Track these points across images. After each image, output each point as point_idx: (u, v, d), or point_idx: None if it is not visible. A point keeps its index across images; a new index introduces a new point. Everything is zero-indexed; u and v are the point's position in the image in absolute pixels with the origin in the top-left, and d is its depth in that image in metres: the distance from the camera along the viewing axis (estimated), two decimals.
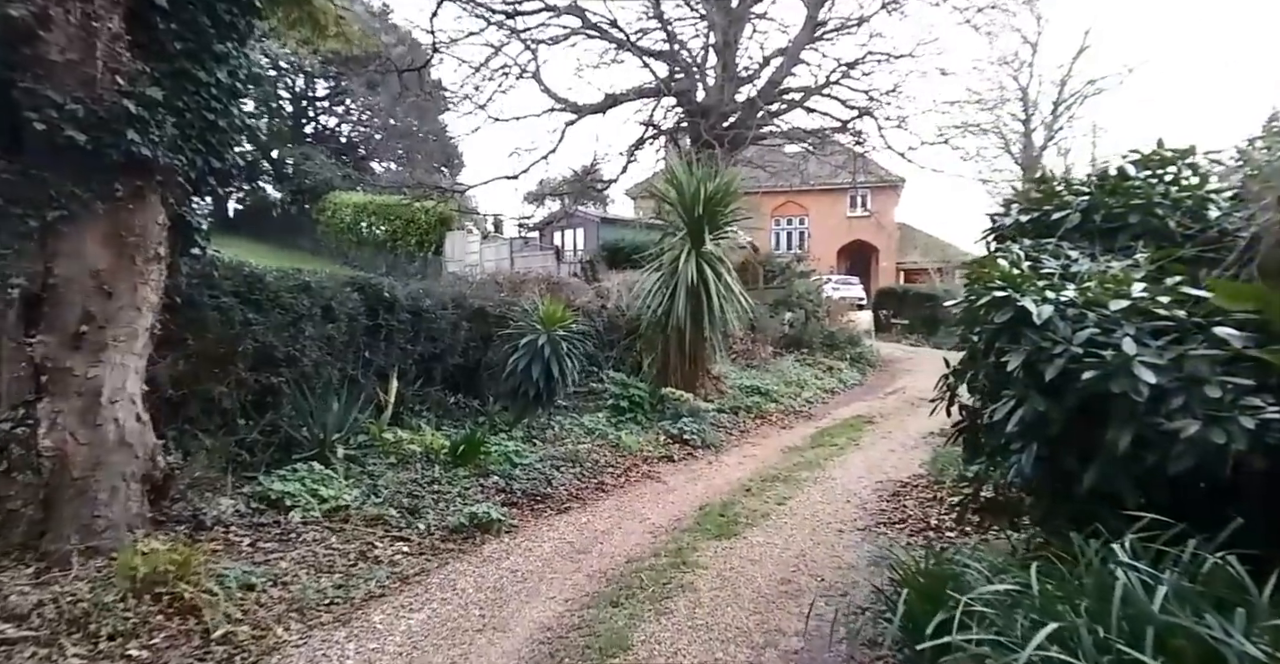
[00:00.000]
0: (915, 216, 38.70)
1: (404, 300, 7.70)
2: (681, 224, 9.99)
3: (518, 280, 11.71)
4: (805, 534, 5.39)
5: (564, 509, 6.29)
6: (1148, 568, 2.17)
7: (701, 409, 9.14)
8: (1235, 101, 41.49)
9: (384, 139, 33.46)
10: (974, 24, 17.78)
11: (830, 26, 17.87)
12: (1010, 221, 4.19)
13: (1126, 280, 3.07)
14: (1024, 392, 3.22)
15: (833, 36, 18.02)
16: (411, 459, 6.69)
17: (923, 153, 17.80)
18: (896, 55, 17.61)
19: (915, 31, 30.39)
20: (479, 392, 8.88)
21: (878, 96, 17.75)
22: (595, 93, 18.77)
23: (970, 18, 17.51)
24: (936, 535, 5.12)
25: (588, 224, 26.58)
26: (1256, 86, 44.37)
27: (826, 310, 15.71)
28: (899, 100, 17.63)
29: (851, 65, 17.69)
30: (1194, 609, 1.94)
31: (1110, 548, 2.30)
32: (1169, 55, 51.15)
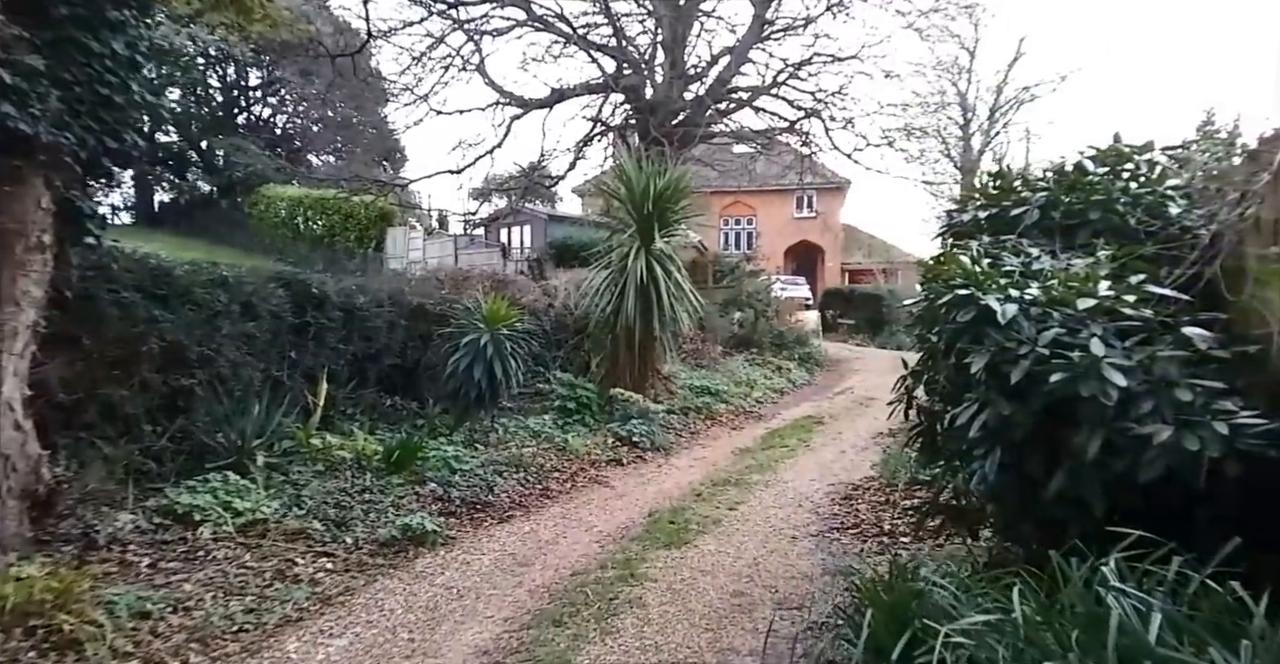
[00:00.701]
0: (859, 218, 39.40)
1: (335, 297, 7.25)
2: (631, 221, 9.74)
3: (460, 277, 11.27)
4: (758, 541, 5.20)
5: (506, 518, 5.96)
6: (1138, 592, 1.99)
7: (651, 410, 8.90)
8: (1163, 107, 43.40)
9: (321, 131, 32.22)
10: (917, 28, 18.02)
11: (777, 27, 17.87)
12: (969, 218, 4.06)
13: (1093, 278, 2.94)
14: (987, 395, 3.06)
15: (780, 37, 18.04)
16: (341, 466, 6.27)
17: (868, 154, 17.94)
18: (842, 57, 17.71)
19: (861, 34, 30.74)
20: (418, 393, 8.46)
21: (824, 98, 17.82)
22: (542, 87, 18.41)
23: (913, 22, 17.73)
24: (891, 541, 4.98)
25: (535, 221, 26.12)
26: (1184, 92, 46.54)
27: (776, 310, 15.68)
28: (845, 102, 17.72)
29: (798, 66, 17.72)
30: (1194, 640, 1.78)
31: (1098, 569, 2.12)
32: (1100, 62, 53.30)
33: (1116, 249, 3.22)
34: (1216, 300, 2.93)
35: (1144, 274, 3.05)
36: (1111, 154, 3.71)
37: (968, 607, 2.45)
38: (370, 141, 31.41)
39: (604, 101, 18.66)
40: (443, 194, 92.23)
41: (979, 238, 3.84)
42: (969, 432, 3.09)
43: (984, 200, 4.08)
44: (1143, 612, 1.87)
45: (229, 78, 30.49)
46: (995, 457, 3.02)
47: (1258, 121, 3.65)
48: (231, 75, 30.48)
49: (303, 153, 32.16)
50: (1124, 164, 3.64)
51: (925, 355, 3.84)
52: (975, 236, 3.97)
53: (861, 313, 22.37)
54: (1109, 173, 3.62)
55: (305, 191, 25.55)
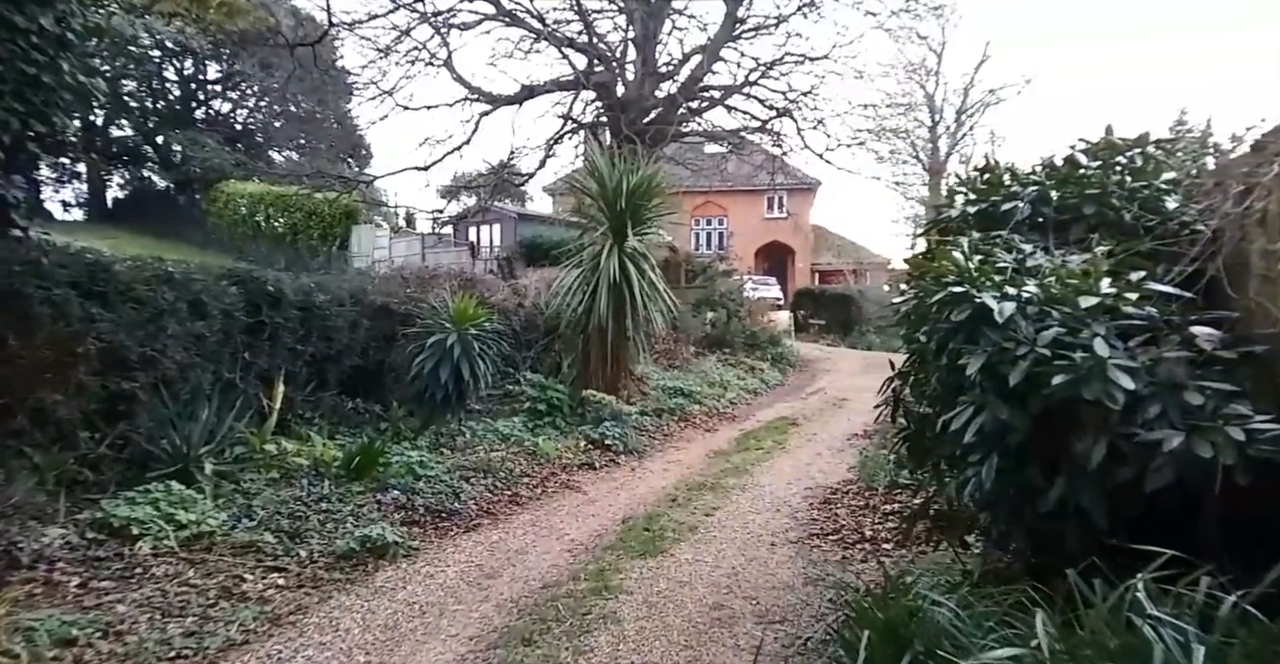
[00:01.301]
0: (828, 219, 39.62)
1: (292, 295, 6.90)
2: (603, 219, 9.51)
3: (427, 276, 10.93)
4: (736, 549, 5.00)
5: (473, 526, 5.70)
6: (1172, 619, 1.82)
7: (624, 412, 8.68)
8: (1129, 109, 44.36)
9: (283, 126, 31.36)
10: (887, 28, 18.06)
11: (749, 25, 17.76)
12: (956, 213, 3.91)
13: (1095, 275, 2.78)
14: (983, 397, 2.89)
15: (751, 36, 17.93)
16: (297, 474, 5.96)
17: (840, 154, 17.90)
18: (814, 57, 17.66)
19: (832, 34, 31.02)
20: (381, 396, 8.14)
21: (796, 98, 17.77)
22: (511, 83, 18.07)
23: (883, 22, 17.76)
24: (873, 548, 4.82)
25: (505, 220, 25.76)
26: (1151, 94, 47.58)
27: (748, 310, 15.56)
28: (817, 102, 17.69)
29: (770, 65, 17.63)
30: None
31: (1126, 592, 1.94)
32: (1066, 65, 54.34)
33: (1113, 245, 3.08)
34: (1220, 298, 2.80)
35: (1143, 271, 2.91)
36: (1104, 147, 3.59)
37: (970, 626, 2.28)
38: (334, 137, 30.70)
39: (575, 99, 18.37)
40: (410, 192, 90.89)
41: (968, 234, 3.68)
42: (964, 436, 2.92)
43: (972, 195, 3.93)
44: (1182, 642, 1.70)
45: (186, 71, 29.57)
46: (993, 463, 2.86)
47: (1229, 122, 3.54)
48: (189, 68, 29.56)
49: (264, 148, 31.31)
50: (1116, 157, 3.51)
51: (913, 356, 3.67)
52: (964, 232, 3.82)
53: (832, 313, 22.40)
54: (1101, 166, 3.49)
55: (266, 188, 24.87)
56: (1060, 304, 2.86)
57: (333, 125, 31.04)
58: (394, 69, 16.33)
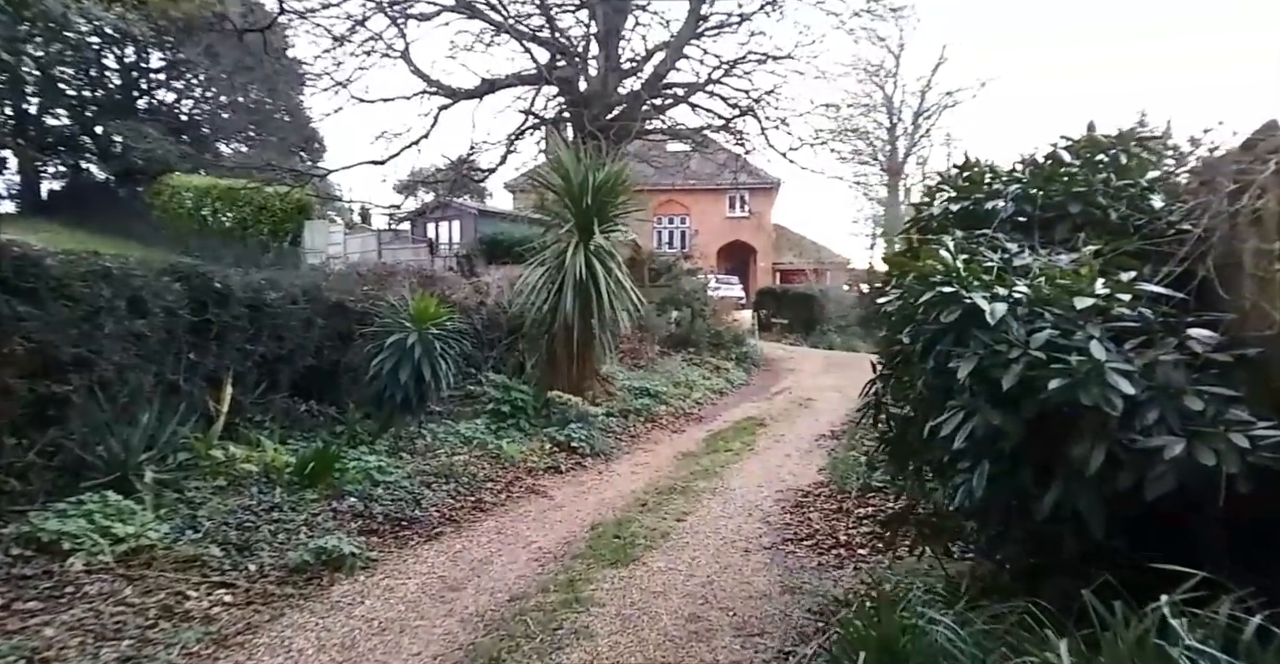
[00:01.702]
0: (789, 219, 39.97)
1: (241, 292, 6.55)
2: (569, 215, 9.30)
3: (384, 272, 10.58)
4: (709, 556, 4.87)
5: (435, 535, 5.46)
6: (1199, 645, 1.72)
7: (590, 414, 8.49)
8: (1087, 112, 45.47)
9: (232, 118, 30.24)
10: (849, 28, 18.19)
11: (712, 23, 17.70)
12: (938, 211, 3.82)
13: (1089, 275, 2.70)
14: (974, 402, 2.79)
15: (715, 33, 17.87)
16: (247, 481, 5.64)
17: (803, 153, 17.93)
18: (777, 56, 17.68)
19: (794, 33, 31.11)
20: (337, 398, 7.80)
21: (760, 96, 17.77)
22: (472, 77, 17.63)
23: (845, 21, 17.84)
24: (848, 554, 4.74)
25: (465, 216, 25.32)
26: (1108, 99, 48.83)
27: (713, 309, 15.49)
28: (780, 101, 17.70)
29: (733, 64, 17.60)
30: None
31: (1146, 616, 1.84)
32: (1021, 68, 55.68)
33: (1101, 244, 3.01)
34: (1211, 299, 2.75)
35: (1132, 271, 2.84)
36: (1086, 144, 3.53)
37: (971, 646, 2.17)
38: (285, 130, 29.74)
39: (537, 93, 18.10)
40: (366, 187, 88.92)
41: (951, 232, 3.59)
42: (954, 442, 2.82)
43: (953, 193, 3.85)
44: None
45: (127, 59, 28.31)
46: (984, 470, 2.76)
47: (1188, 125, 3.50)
48: (130, 56, 28.30)
49: (211, 140, 30.18)
50: (1099, 155, 3.46)
51: (895, 358, 3.57)
52: (946, 231, 3.73)
53: (794, 312, 22.52)
54: (1085, 164, 3.43)
55: (213, 181, 23.95)
56: (1051, 305, 2.78)
57: (284, 117, 30.04)
58: (349, 60, 15.81)
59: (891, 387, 3.77)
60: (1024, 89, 55.78)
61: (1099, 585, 2.61)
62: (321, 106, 36.29)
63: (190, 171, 25.82)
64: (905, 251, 3.94)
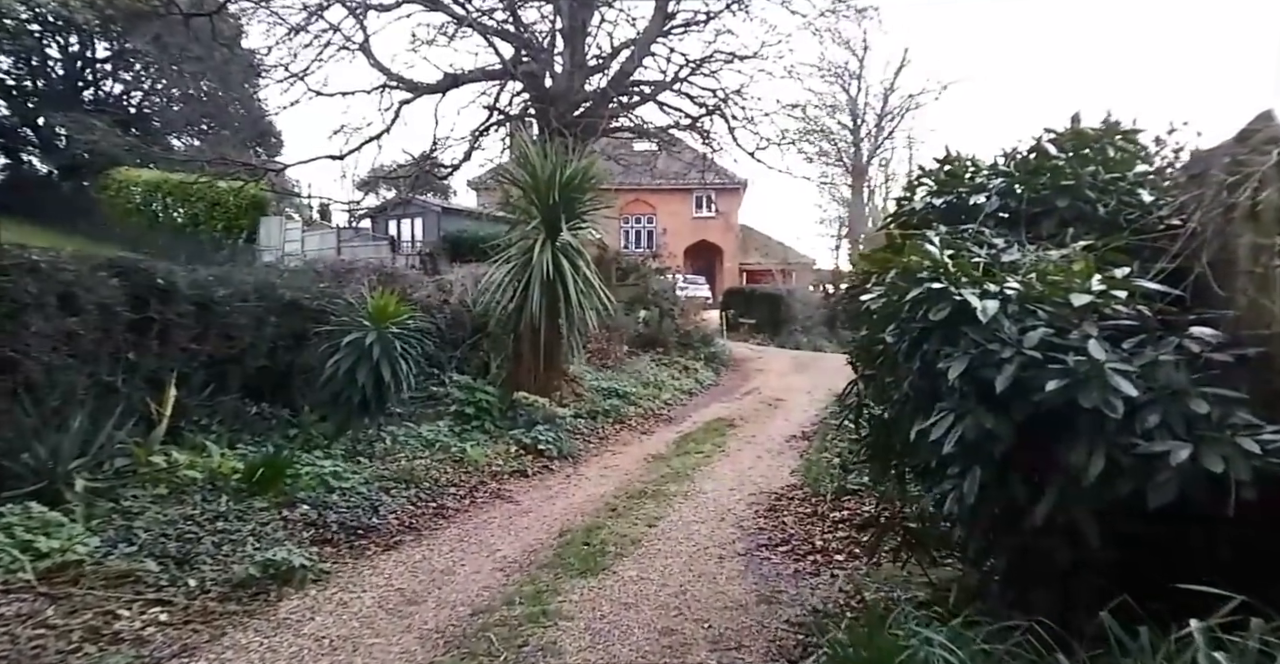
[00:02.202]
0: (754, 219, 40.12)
1: (186, 289, 6.20)
2: (535, 212, 9.06)
3: (342, 269, 10.20)
4: (682, 564, 4.69)
5: (394, 544, 5.19)
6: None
7: (558, 415, 8.26)
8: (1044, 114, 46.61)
9: (183, 110, 29.20)
10: (816, 28, 18.18)
11: (679, 21, 17.57)
12: (920, 206, 3.70)
13: (1086, 271, 2.58)
14: (964, 404, 2.66)
15: (681, 32, 17.75)
16: (190, 488, 5.31)
17: (770, 153, 17.86)
18: (743, 55, 17.61)
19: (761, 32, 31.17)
20: (290, 399, 7.46)
21: (727, 96, 17.69)
22: (434, 71, 17.27)
23: (811, 21, 17.85)
24: (824, 560, 4.59)
25: (428, 213, 24.82)
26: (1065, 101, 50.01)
27: (681, 309, 15.35)
28: (747, 100, 17.64)
29: (699, 63, 17.50)
30: None
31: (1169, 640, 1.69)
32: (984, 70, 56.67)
33: (1094, 239, 2.90)
34: (1207, 296, 2.65)
35: (1126, 267, 2.73)
36: (1072, 137, 3.43)
37: None
38: (240, 123, 28.83)
39: (501, 89, 17.78)
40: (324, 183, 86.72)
41: (935, 227, 3.47)
42: (943, 446, 2.68)
43: (934, 186, 3.73)
44: None
45: (71, 48, 27.18)
46: (975, 475, 2.62)
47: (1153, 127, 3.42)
48: (75, 45, 27.17)
49: (162, 133, 29.11)
50: (1085, 148, 3.36)
51: (878, 358, 3.43)
52: (927, 226, 3.61)
53: (762, 312, 22.51)
54: (1071, 157, 3.34)
55: (163, 175, 23.10)
56: (1042, 302, 2.66)
57: (238, 110, 29.10)
58: (305, 51, 15.35)
59: (873, 388, 3.63)
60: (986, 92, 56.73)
61: (1094, 598, 2.49)
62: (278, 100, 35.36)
63: (140, 165, 24.87)
64: (886, 247, 3.81)
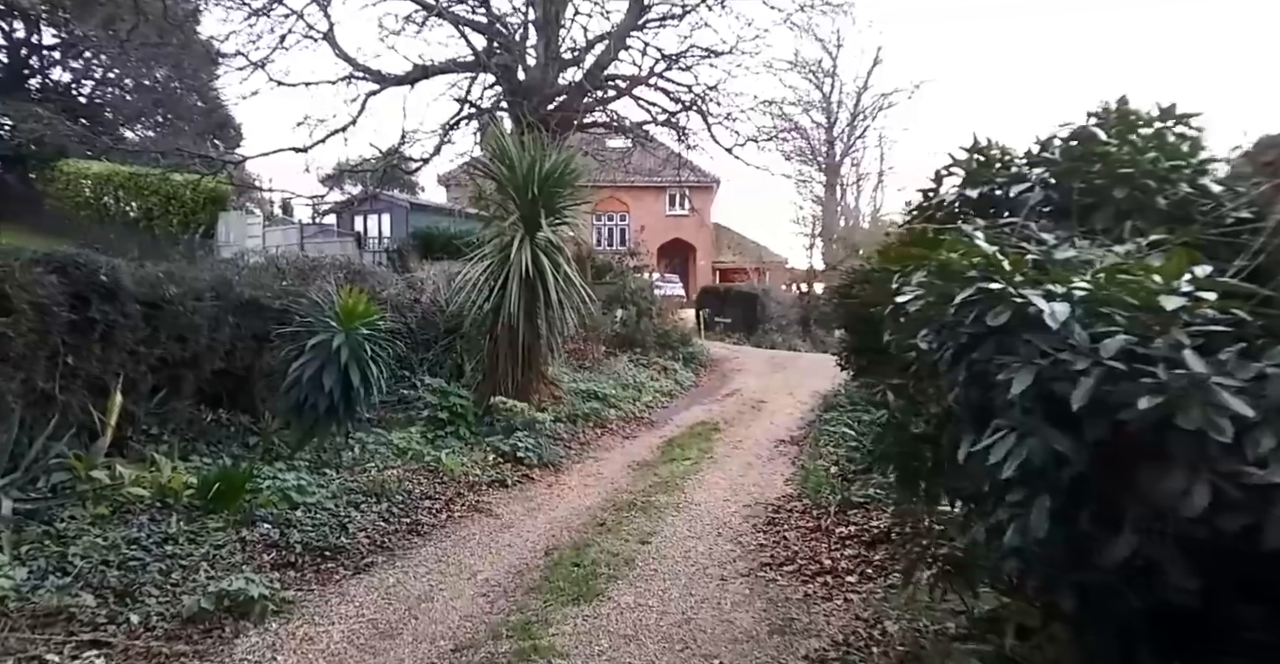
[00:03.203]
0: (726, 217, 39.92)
1: (134, 287, 5.67)
2: (513, 207, 8.63)
3: (307, 267, 9.65)
4: (682, 587, 4.32)
5: (364, 566, 4.75)
6: None
7: (537, 420, 7.84)
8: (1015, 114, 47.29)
9: (137, 101, 27.98)
10: (793, 23, 17.95)
11: (655, 14, 17.24)
12: (950, 197, 3.37)
13: (1175, 268, 2.27)
14: (1029, 422, 2.33)
15: (658, 25, 17.43)
16: (136, 507, 4.82)
17: (748, 149, 17.55)
18: (719, 51, 17.33)
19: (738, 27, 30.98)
20: (251, 406, 6.99)
21: (703, 92, 17.41)
22: (402, 62, 16.62)
23: (790, 16, 17.61)
24: (835, 582, 4.26)
25: (396, 209, 24.18)
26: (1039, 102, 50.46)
27: (659, 308, 15.00)
28: (726, 96, 17.36)
29: (675, 57, 17.19)
30: None
31: None
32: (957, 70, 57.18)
33: (1164, 233, 2.60)
34: None
35: (1207, 265, 2.43)
36: (1119, 120, 3.11)
37: None
38: (197, 114, 27.74)
39: (473, 82, 17.28)
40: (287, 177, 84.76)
41: (970, 220, 3.15)
42: (1002, 470, 2.35)
43: (965, 176, 3.41)
44: None
45: (16, 34, 25.88)
46: (1044, 505, 2.29)
47: None
48: (20, 31, 25.87)
49: (114, 124, 27.88)
50: (1133, 133, 3.06)
51: (909, 366, 3.09)
52: (961, 219, 3.30)
53: (737, 312, 22.27)
54: (1122, 143, 3.03)
55: (115, 168, 22.07)
56: (1114, 305, 2.35)
57: (194, 101, 27.96)
58: (266, 38, 14.72)
59: (901, 399, 3.31)
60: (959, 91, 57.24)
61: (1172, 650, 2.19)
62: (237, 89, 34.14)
63: (90, 157, 23.74)
64: (910, 243, 3.48)
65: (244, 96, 19.84)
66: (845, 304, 8.59)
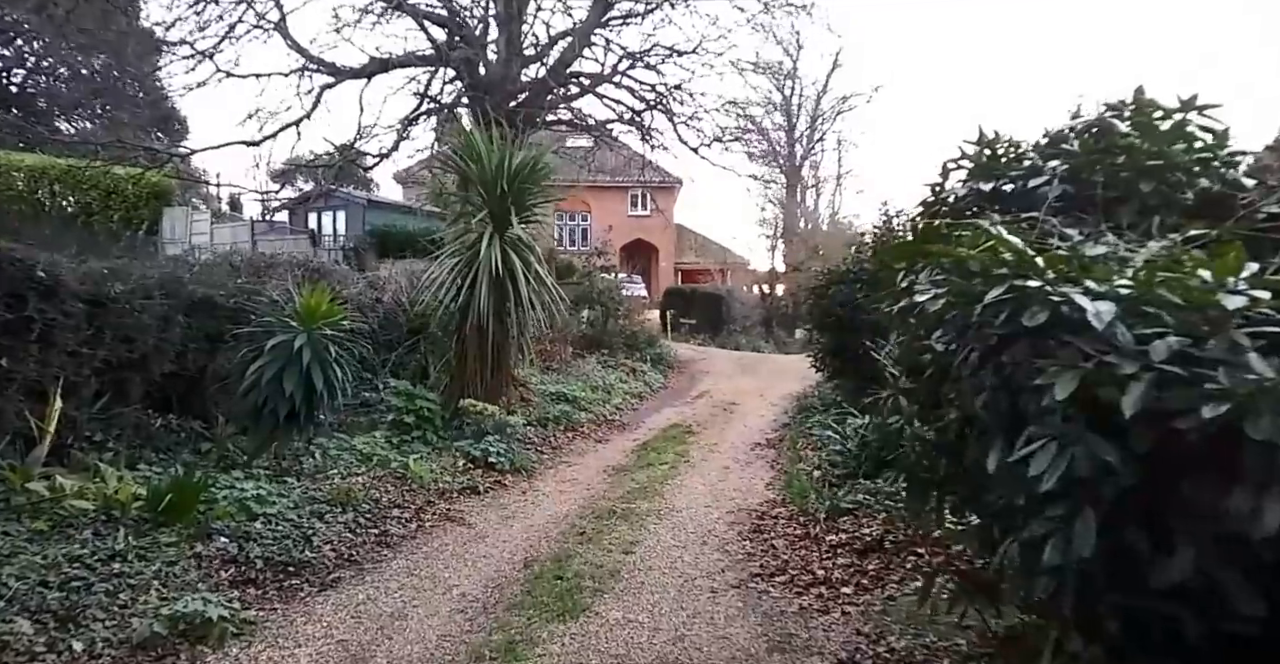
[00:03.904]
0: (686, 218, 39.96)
1: (75, 284, 5.25)
2: (480, 203, 8.33)
3: (262, 264, 9.20)
4: (672, 601, 4.12)
5: (331, 582, 4.45)
6: None
7: (509, 424, 7.57)
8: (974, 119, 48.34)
9: (74, 91, 26.66)
10: (760, 24, 17.93)
11: (619, 12, 17.04)
12: (962, 191, 3.25)
13: (1232, 265, 2.16)
14: (1071, 430, 2.19)
15: (621, 23, 17.23)
16: (79, 522, 4.42)
17: (714, 150, 17.44)
18: (683, 50, 17.21)
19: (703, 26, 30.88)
20: (203, 410, 6.57)
21: (668, 91, 17.27)
22: (359, 55, 16.14)
23: (754, 16, 17.57)
24: (830, 593, 4.10)
25: (352, 206, 23.50)
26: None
27: (627, 309, 14.81)
28: (691, 96, 17.24)
29: (638, 55, 17.02)
30: None
31: None
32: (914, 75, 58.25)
33: (1203, 227, 2.50)
34: None
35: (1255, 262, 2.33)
36: (1136, 111, 3.02)
37: None
38: (139, 106, 26.53)
39: (433, 76, 16.84)
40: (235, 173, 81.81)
41: (986, 215, 3.03)
42: (1042, 482, 2.21)
43: (974, 169, 3.29)
44: None
45: None
46: (1089, 520, 2.15)
47: None
48: None
49: (48, 116, 26.53)
50: (1151, 124, 2.97)
51: (924, 370, 2.95)
52: (972, 214, 3.18)
53: (702, 313, 22.22)
54: (1144, 135, 2.94)
55: (50, 160, 20.96)
56: (1158, 304, 2.23)
57: (136, 92, 26.72)
58: (215, 25, 14.09)
59: (912, 403, 3.16)
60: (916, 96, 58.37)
61: None
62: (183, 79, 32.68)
63: (24, 149, 22.49)
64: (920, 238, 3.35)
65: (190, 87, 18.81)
66: (820, 305, 8.57)
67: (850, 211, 34.83)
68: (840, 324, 7.71)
